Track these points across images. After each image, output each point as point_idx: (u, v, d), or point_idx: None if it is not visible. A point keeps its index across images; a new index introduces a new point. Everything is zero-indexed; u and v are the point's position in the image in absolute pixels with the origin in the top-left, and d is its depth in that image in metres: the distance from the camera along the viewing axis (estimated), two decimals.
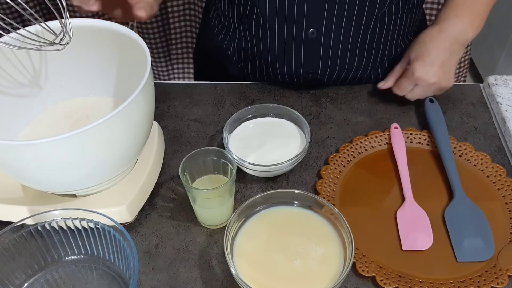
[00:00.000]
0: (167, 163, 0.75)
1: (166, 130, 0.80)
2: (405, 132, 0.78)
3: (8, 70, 0.66)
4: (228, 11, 0.85)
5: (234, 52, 0.89)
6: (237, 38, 0.87)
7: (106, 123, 0.52)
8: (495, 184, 0.70)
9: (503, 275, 0.59)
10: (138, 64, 0.61)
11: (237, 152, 0.71)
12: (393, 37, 0.83)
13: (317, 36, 0.79)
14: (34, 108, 0.71)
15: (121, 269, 0.60)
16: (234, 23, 0.85)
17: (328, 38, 0.79)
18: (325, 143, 0.78)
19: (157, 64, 1.71)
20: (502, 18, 1.89)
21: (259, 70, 0.89)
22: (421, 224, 0.65)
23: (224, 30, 0.89)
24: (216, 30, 0.91)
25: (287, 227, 0.62)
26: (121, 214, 0.63)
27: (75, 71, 0.71)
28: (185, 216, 0.68)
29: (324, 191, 0.69)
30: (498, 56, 1.95)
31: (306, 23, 0.77)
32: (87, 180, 0.60)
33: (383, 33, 0.81)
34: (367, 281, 0.61)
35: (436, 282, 0.60)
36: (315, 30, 0.78)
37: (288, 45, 0.81)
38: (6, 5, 1.40)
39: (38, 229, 0.58)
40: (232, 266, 0.55)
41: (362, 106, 0.84)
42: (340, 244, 0.59)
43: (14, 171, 0.57)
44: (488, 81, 0.85)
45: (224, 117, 0.82)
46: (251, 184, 0.72)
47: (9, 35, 0.62)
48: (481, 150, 0.75)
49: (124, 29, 0.65)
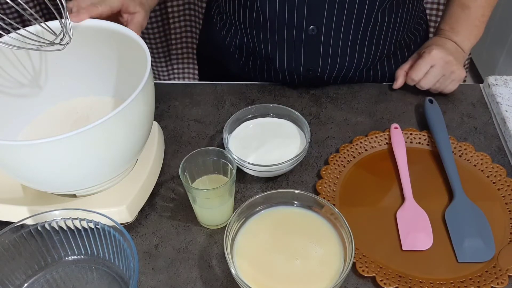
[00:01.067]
0: (167, 163, 0.75)
1: (166, 130, 0.80)
2: (405, 132, 0.78)
3: (8, 70, 0.66)
4: (229, 8, 0.85)
5: (235, 50, 0.90)
6: (238, 35, 0.87)
7: (106, 123, 0.52)
8: (495, 184, 0.70)
9: (503, 275, 0.59)
10: (138, 64, 0.61)
11: (237, 152, 0.71)
12: (392, 34, 0.83)
13: (317, 33, 0.79)
14: (34, 108, 0.71)
15: (121, 269, 0.60)
16: (235, 20, 0.86)
17: (328, 35, 0.79)
18: (325, 143, 0.78)
19: (157, 64, 1.71)
20: (502, 18, 1.89)
21: (260, 67, 0.89)
22: (421, 224, 0.65)
23: (225, 27, 0.89)
24: (218, 27, 0.91)
25: (287, 227, 0.62)
26: (121, 214, 0.63)
27: (75, 71, 0.71)
28: (185, 216, 0.68)
29: (324, 191, 0.69)
30: (498, 56, 1.95)
31: (307, 20, 0.77)
32: (87, 180, 0.60)
33: (383, 30, 0.81)
34: (367, 281, 0.61)
35: (436, 282, 0.60)
36: (315, 27, 0.78)
37: (288, 42, 0.81)
38: (6, 5, 1.40)
39: (38, 229, 0.58)
40: (232, 266, 0.55)
41: (362, 106, 0.84)
42: (340, 244, 0.59)
43: (14, 171, 0.57)
44: (488, 81, 0.85)
45: (224, 117, 0.82)
46: (251, 184, 0.72)
47: (9, 35, 0.62)
48: (481, 150, 0.75)
49: (124, 29, 0.65)
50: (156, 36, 1.60)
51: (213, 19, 0.93)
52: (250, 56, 0.89)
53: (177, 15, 1.57)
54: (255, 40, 0.85)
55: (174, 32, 1.61)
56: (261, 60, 0.87)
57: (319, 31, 0.78)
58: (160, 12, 1.53)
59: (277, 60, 0.84)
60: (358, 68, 0.85)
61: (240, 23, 0.85)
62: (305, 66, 0.84)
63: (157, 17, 1.55)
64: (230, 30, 0.88)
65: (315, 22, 0.78)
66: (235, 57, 0.91)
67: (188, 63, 1.74)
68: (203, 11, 1.42)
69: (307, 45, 0.81)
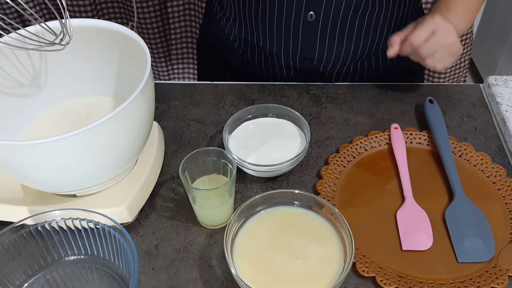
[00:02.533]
0: (167, 163, 0.75)
1: (166, 130, 0.80)
2: (405, 132, 0.78)
3: (8, 70, 0.66)
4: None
5: (235, 39, 0.91)
6: (237, 23, 0.88)
7: (106, 123, 0.52)
8: (495, 184, 0.70)
9: (503, 275, 0.59)
10: (138, 64, 0.61)
11: (237, 152, 0.71)
12: (390, 25, 0.84)
13: (316, 19, 0.80)
14: (34, 108, 0.71)
15: (121, 269, 0.60)
16: (235, 7, 0.87)
17: (326, 22, 0.80)
18: (325, 143, 0.78)
19: (157, 64, 1.71)
20: (502, 18, 1.89)
21: (258, 57, 0.90)
22: (421, 224, 0.65)
23: (225, 16, 0.91)
24: (218, 17, 0.93)
25: (287, 227, 0.62)
26: (121, 214, 0.63)
27: (75, 71, 0.71)
28: (185, 216, 0.68)
29: (324, 191, 0.69)
30: (498, 56, 1.95)
31: (306, 5, 0.79)
32: (87, 180, 0.60)
33: (380, 21, 0.82)
34: (367, 281, 0.61)
35: (436, 282, 0.60)
36: (314, 13, 0.79)
37: (287, 28, 0.82)
38: (6, 5, 1.40)
39: (38, 229, 0.58)
40: (232, 266, 0.55)
41: (362, 106, 0.84)
42: (340, 244, 0.59)
43: (14, 171, 0.57)
44: (488, 81, 0.85)
45: (224, 117, 0.82)
46: (251, 184, 0.72)
47: (9, 35, 0.62)
48: (481, 150, 0.75)
49: (124, 29, 0.65)
50: (156, 36, 1.60)
51: (214, 9, 0.94)
52: (248, 45, 0.90)
53: (177, 15, 1.56)
54: (253, 27, 0.86)
55: (174, 32, 1.61)
56: (259, 49, 0.88)
57: (318, 16, 0.80)
58: (160, 12, 1.53)
59: (275, 48, 0.85)
60: (354, 58, 0.86)
61: (240, 10, 0.86)
62: (302, 54, 0.85)
63: (157, 17, 1.55)
64: (230, 18, 0.89)
65: (314, 8, 0.79)
66: (234, 47, 0.92)
67: (188, 63, 1.74)
68: (203, 11, 1.42)
69: (305, 31, 0.82)
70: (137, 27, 1.57)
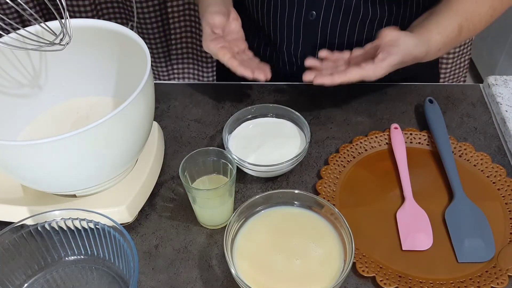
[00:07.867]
0: (167, 163, 0.75)
1: (166, 130, 0.80)
2: (405, 132, 0.77)
3: (8, 70, 0.66)
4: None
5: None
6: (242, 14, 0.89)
7: (106, 123, 0.52)
8: (495, 184, 0.70)
9: (503, 275, 0.59)
10: (138, 64, 0.61)
11: (237, 152, 0.71)
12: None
13: (316, 19, 0.81)
14: (34, 108, 0.71)
15: (121, 270, 0.60)
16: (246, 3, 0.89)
17: (326, 22, 0.81)
18: (325, 143, 0.78)
19: (157, 64, 1.71)
20: (502, 18, 1.89)
21: (263, 51, 0.91)
22: (421, 224, 0.65)
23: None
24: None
25: (287, 227, 0.62)
26: (121, 214, 0.63)
27: (75, 72, 0.71)
28: (185, 216, 0.68)
29: (324, 191, 0.69)
30: (498, 56, 1.95)
31: (307, 5, 0.80)
32: (87, 180, 0.60)
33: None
34: (367, 281, 0.61)
35: (436, 282, 0.60)
36: (315, 13, 0.81)
37: (289, 24, 0.84)
38: (6, 5, 1.40)
39: (38, 229, 0.58)
40: (232, 266, 0.55)
41: (362, 106, 0.84)
42: (340, 244, 0.59)
43: (14, 171, 0.57)
44: (488, 81, 0.85)
45: (224, 117, 0.82)
46: (251, 184, 0.72)
47: (9, 35, 0.62)
48: (481, 150, 0.75)
49: (124, 29, 0.65)
50: (156, 36, 1.60)
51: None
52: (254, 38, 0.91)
53: (177, 15, 1.56)
54: (259, 19, 0.87)
55: (174, 32, 1.61)
56: (265, 42, 0.90)
57: (318, 16, 0.81)
58: (160, 12, 1.53)
59: (278, 41, 0.87)
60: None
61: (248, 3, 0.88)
62: (303, 51, 0.86)
63: (157, 17, 1.54)
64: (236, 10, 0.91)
65: (314, 8, 0.80)
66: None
67: (188, 63, 1.73)
68: None
69: (306, 30, 0.83)
70: (137, 27, 1.57)
